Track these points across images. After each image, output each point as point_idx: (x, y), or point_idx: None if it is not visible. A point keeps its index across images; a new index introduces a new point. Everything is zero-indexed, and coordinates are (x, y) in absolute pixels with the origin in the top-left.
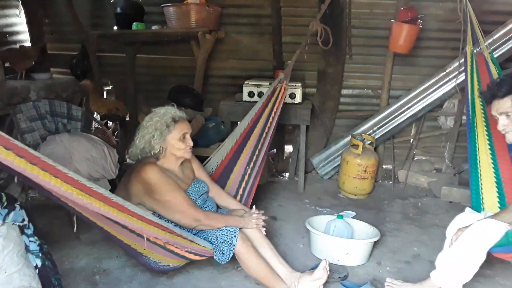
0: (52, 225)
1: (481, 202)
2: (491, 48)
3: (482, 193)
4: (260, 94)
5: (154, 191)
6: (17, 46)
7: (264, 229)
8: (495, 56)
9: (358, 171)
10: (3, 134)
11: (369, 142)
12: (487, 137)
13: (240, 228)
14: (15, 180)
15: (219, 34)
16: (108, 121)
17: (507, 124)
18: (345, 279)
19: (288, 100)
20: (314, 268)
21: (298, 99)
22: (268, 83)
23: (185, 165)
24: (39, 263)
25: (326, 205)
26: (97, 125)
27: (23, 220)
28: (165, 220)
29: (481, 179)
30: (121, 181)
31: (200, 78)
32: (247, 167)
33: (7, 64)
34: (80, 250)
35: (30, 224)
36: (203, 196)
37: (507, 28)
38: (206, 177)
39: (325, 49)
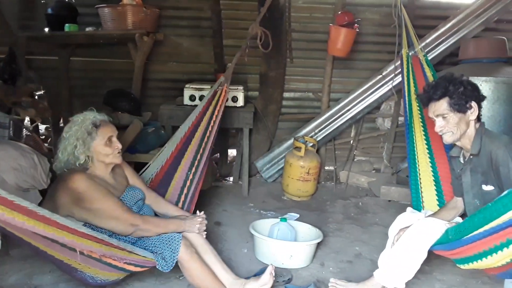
0: None
1: (421, 200)
2: (424, 52)
3: (421, 192)
4: (201, 98)
5: (83, 200)
6: None
7: (205, 233)
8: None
9: (301, 173)
10: None
11: (311, 144)
12: (424, 137)
13: (182, 234)
14: None
15: (158, 36)
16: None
17: (443, 125)
18: (289, 282)
19: (231, 103)
20: (259, 273)
21: (240, 102)
22: (209, 86)
23: (117, 172)
24: None
25: (271, 208)
26: (27, 133)
27: None
28: (99, 231)
29: (420, 179)
30: (47, 193)
31: (139, 82)
32: (189, 172)
33: None
34: (10, 266)
35: None
36: (138, 203)
37: (439, 32)
38: (141, 184)
39: (266, 52)
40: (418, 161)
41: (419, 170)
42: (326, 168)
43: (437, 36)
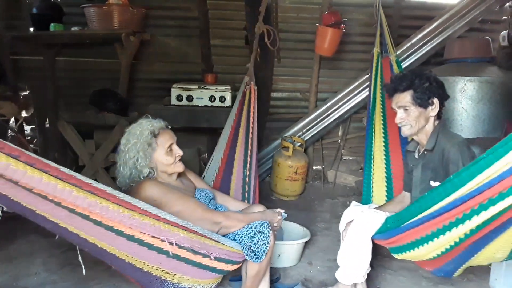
0: None
1: (371, 195)
2: (410, 52)
3: (372, 187)
4: (189, 98)
5: (160, 206)
6: None
7: (275, 233)
8: (413, 59)
9: (289, 173)
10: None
11: (299, 144)
12: (383, 135)
13: None
14: None
15: (144, 36)
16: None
17: (404, 117)
18: (277, 281)
19: (218, 103)
20: None
21: (228, 102)
22: (197, 86)
23: (182, 176)
24: None
25: None
26: (13, 134)
27: None
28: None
29: (373, 174)
30: None
31: (125, 82)
32: (245, 170)
33: None
34: None
35: None
36: (212, 202)
37: (424, 32)
38: (206, 185)
39: (273, 49)
40: (374, 157)
41: (373, 165)
42: (314, 167)
43: (423, 36)
